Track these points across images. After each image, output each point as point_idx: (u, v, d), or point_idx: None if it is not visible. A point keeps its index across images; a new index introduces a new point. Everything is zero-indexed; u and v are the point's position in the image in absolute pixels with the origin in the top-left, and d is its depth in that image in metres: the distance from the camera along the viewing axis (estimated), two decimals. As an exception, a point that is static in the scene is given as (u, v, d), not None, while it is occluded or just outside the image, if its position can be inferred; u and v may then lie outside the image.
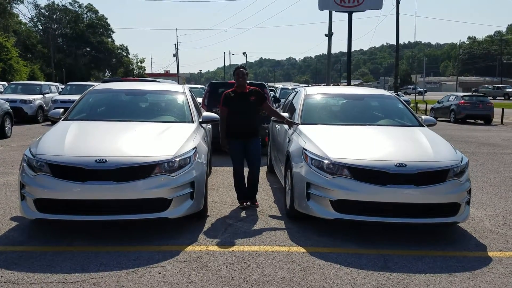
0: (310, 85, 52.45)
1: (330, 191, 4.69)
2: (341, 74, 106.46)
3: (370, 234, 4.93)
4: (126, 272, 3.85)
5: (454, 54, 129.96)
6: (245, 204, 5.94)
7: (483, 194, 7.01)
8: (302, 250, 4.44)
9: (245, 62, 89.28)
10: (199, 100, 10.40)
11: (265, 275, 3.85)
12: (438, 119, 21.31)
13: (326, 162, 4.83)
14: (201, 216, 5.27)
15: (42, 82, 22.98)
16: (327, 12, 26.93)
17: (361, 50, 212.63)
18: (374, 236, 4.87)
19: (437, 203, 4.68)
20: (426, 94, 55.86)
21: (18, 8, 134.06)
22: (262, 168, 6.24)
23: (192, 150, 5.01)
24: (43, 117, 18.52)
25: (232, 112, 5.81)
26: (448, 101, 24.25)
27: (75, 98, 9.34)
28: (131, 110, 6.36)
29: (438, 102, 25.95)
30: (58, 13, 69.44)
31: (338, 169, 4.74)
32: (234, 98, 5.82)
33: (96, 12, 72.92)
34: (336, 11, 24.92)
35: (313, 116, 6.29)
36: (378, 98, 7.02)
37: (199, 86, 25.82)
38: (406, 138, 5.49)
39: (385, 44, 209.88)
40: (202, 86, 24.95)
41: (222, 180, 7.68)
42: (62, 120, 5.89)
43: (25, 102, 17.81)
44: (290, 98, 7.87)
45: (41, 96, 19.14)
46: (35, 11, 68.28)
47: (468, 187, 4.87)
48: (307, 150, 5.09)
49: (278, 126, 7.14)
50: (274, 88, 31.54)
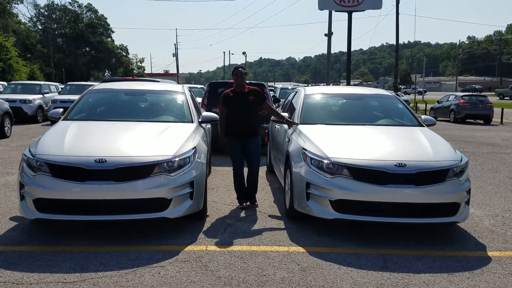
0: (309, 85, 52.39)
1: (330, 191, 4.69)
2: (340, 74, 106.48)
3: (370, 234, 4.93)
4: (125, 272, 3.85)
5: (453, 54, 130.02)
6: (244, 204, 5.94)
7: (483, 194, 7.02)
8: (301, 250, 4.44)
9: (244, 62, 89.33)
10: (199, 100, 10.40)
11: (264, 275, 3.85)
12: (438, 119, 21.34)
13: (325, 162, 4.83)
14: (200, 216, 5.26)
15: (41, 82, 22.95)
16: (327, 12, 26.93)
17: (360, 50, 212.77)
18: (373, 236, 4.87)
19: (436, 203, 4.68)
20: (425, 94, 55.85)
21: (17, 8, 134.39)
22: (262, 168, 6.24)
23: (191, 150, 5.00)
24: (43, 117, 18.51)
25: (231, 112, 5.81)
26: (447, 101, 24.26)
27: (75, 98, 9.35)
28: (131, 110, 6.36)
29: (438, 102, 25.96)
30: (58, 13, 69.49)
31: (337, 169, 4.74)
32: (233, 98, 5.82)
33: (95, 12, 72.96)
34: (335, 11, 24.93)
35: (312, 116, 6.29)
36: (377, 98, 7.01)
37: (199, 86, 25.82)
38: (406, 138, 5.49)
39: (384, 44, 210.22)
40: (202, 86, 24.95)
41: (221, 180, 7.67)
42: (62, 120, 5.89)
43: (24, 102, 17.80)
44: (290, 98, 7.87)
45: (40, 96, 19.13)
46: (35, 11, 68.50)
47: (467, 187, 4.87)
48: (307, 150, 5.09)
49: (278, 126, 7.14)
50: (273, 88, 31.54)
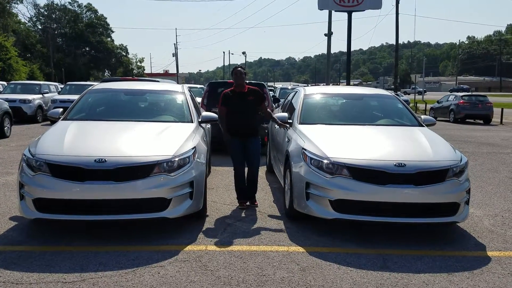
0: (309, 84, 52.41)
1: (330, 191, 4.69)
2: (340, 74, 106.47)
3: (370, 234, 4.93)
4: (125, 272, 3.85)
5: (453, 54, 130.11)
6: (244, 204, 5.93)
7: (482, 193, 7.02)
8: (301, 249, 4.44)
9: (244, 62, 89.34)
10: (199, 99, 10.40)
11: (264, 275, 3.85)
12: (438, 119, 21.34)
13: (325, 162, 4.83)
14: (200, 216, 5.26)
15: (41, 82, 22.93)
16: (327, 11, 26.92)
17: (360, 49, 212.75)
18: (373, 236, 4.87)
19: (436, 203, 4.68)
20: (425, 94, 55.87)
21: (17, 7, 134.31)
22: (262, 168, 6.25)
23: (191, 149, 5.00)
24: (42, 116, 18.50)
25: (231, 111, 5.81)
26: (447, 101, 24.27)
27: (74, 97, 9.35)
28: (131, 110, 6.36)
29: (438, 102, 25.97)
30: (58, 12, 69.47)
31: (337, 169, 4.74)
32: (233, 98, 5.82)
33: (95, 11, 72.96)
34: (335, 11, 24.92)
35: (312, 116, 6.29)
36: (377, 98, 7.01)
37: (199, 86, 25.80)
38: (406, 138, 5.49)
39: (384, 43, 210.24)
40: (202, 86, 24.94)
41: (221, 180, 7.67)
42: (61, 119, 5.88)
43: (24, 101, 17.79)
44: (290, 98, 7.87)
45: (40, 95, 19.12)
46: (34, 11, 68.48)
47: (467, 187, 4.87)
48: (307, 150, 5.09)
49: (278, 126, 7.13)
50: (273, 88, 31.53)
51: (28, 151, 4.81)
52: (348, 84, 24.41)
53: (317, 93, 7.03)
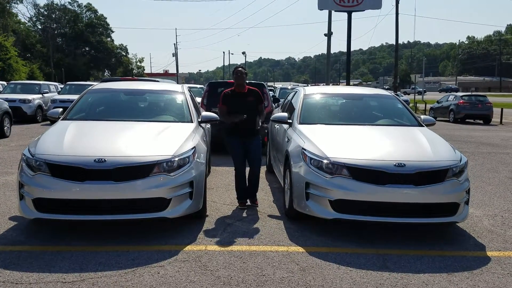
0: (309, 84, 52.42)
1: (329, 191, 4.69)
2: (340, 74, 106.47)
3: (369, 234, 4.93)
4: (125, 271, 3.85)
5: (453, 54, 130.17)
6: (244, 204, 5.94)
7: (482, 193, 7.02)
8: (301, 249, 4.44)
9: (244, 62, 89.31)
10: (198, 99, 10.40)
11: (264, 275, 3.85)
12: (438, 119, 21.37)
13: (325, 162, 4.83)
14: (200, 215, 5.26)
15: (41, 82, 22.92)
16: (327, 11, 26.91)
17: (360, 49, 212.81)
18: (373, 236, 4.88)
19: (436, 203, 4.68)
20: (425, 94, 55.86)
21: (17, 7, 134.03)
22: (262, 168, 6.24)
23: (191, 149, 5.00)
24: (42, 116, 18.49)
25: (231, 111, 5.81)
26: (447, 101, 24.28)
27: (74, 97, 9.35)
28: (130, 110, 6.36)
29: (438, 102, 25.98)
30: (57, 12, 69.45)
31: (337, 168, 4.74)
32: (233, 98, 5.83)
33: (95, 11, 72.98)
34: (335, 11, 24.90)
35: (312, 116, 6.29)
36: (377, 98, 7.01)
37: (198, 86, 25.79)
38: (405, 138, 5.49)
39: (384, 44, 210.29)
40: (202, 86, 24.92)
41: (221, 179, 7.67)
42: (61, 119, 5.88)
43: (24, 101, 17.79)
44: (289, 98, 7.87)
45: (40, 95, 19.12)
46: (34, 11, 68.42)
47: (467, 187, 4.87)
48: (306, 150, 5.09)
49: (277, 126, 7.14)
50: (273, 88, 31.54)
51: (27, 151, 4.81)
52: (348, 84, 24.41)
53: (316, 93, 7.03)
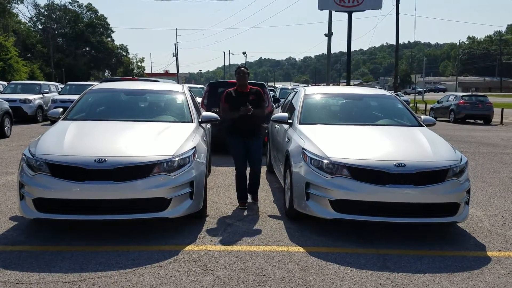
0: (309, 85, 52.43)
1: (330, 191, 4.69)
2: (340, 74, 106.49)
3: (370, 234, 4.93)
4: (125, 271, 3.85)
5: (453, 54, 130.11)
6: (245, 204, 5.94)
7: (483, 194, 7.02)
8: (301, 249, 4.44)
9: (244, 62, 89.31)
10: (199, 99, 10.40)
11: (264, 275, 3.85)
12: (438, 119, 21.37)
13: (325, 162, 4.83)
14: (200, 215, 5.26)
15: (41, 82, 22.95)
16: (327, 12, 26.92)
17: (360, 50, 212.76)
18: (373, 236, 4.87)
19: (436, 203, 4.68)
20: (425, 94, 55.89)
21: (17, 7, 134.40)
22: (262, 168, 6.25)
23: (191, 149, 5.00)
24: (43, 116, 18.51)
25: (233, 110, 5.82)
26: (447, 101, 24.27)
27: (75, 97, 9.35)
28: (131, 110, 6.36)
29: (438, 102, 25.97)
30: (58, 12, 69.49)
31: (337, 169, 4.74)
32: (235, 97, 5.85)
33: (95, 11, 72.99)
34: (335, 11, 24.92)
35: (312, 116, 6.29)
36: (377, 98, 7.01)
37: (199, 86, 25.81)
38: (406, 138, 5.49)
39: (384, 44, 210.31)
40: (202, 86, 24.94)
41: (221, 179, 7.67)
42: (62, 119, 5.89)
43: (24, 101, 17.80)
44: (290, 98, 7.87)
45: (40, 95, 19.13)
46: (35, 11, 68.45)
47: (467, 187, 4.87)
48: (307, 150, 5.09)
49: (278, 126, 7.14)
50: (273, 88, 31.55)
51: (28, 151, 4.81)
52: (348, 84, 24.41)
53: (317, 93, 7.02)
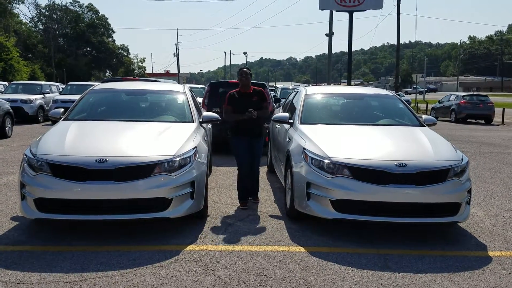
0: (310, 84, 52.40)
1: (330, 191, 4.69)
2: (341, 74, 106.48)
3: (371, 233, 4.93)
4: (126, 271, 3.85)
5: (454, 54, 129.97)
6: (246, 204, 5.94)
7: (484, 193, 7.01)
8: (302, 249, 4.44)
9: (245, 62, 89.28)
10: (200, 100, 10.40)
11: (265, 275, 3.85)
12: (439, 119, 21.30)
13: (326, 161, 4.82)
14: (201, 215, 5.27)
15: (42, 82, 22.98)
16: (328, 11, 26.91)
17: (361, 49, 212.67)
18: (374, 235, 4.87)
19: (437, 203, 4.67)
20: (426, 94, 55.85)
21: (18, 8, 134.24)
22: (263, 167, 6.26)
23: (192, 149, 5.01)
24: (44, 117, 18.53)
25: (237, 111, 5.83)
26: (448, 100, 24.25)
27: (76, 98, 9.35)
28: (132, 110, 6.37)
29: (439, 102, 25.95)
30: (59, 13, 69.53)
31: (338, 168, 4.74)
32: (239, 99, 5.87)
33: (96, 12, 73.04)
34: (336, 11, 24.90)
35: (313, 115, 6.29)
36: (378, 98, 7.01)
37: (200, 86, 25.83)
38: (407, 138, 5.48)
39: (385, 43, 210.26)
40: (203, 86, 24.96)
41: (222, 179, 7.68)
42: (63, 120, 5.89)
43: (25, 102, 17.82)
44: (291, 98, 7.87)
45: (41, 96, 19.15)
46: (36, 11, 68.46)
47: (468, 187, 4.86)
48: (307, 150, 5.09)
49: (279, 126, 7.14)
50: (274, 88, 31.55)
51: (29, 151, 4.81)
52: (349, 84, 24.41)
53: (318, 93, 7.02)
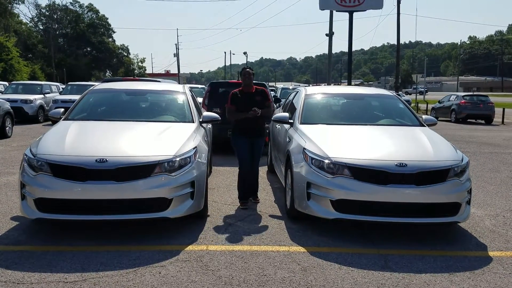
0: (310, 85, 52.39)
1: (331, 191, 4.69)
2: (341, 74, 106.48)
3: (371, 233, 4.92)
4: (126, 271, 3.85)
5: (455, 54, 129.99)
6: (246, 204, 5.95)
7: (484, 193, 7.01)
8: (302, 249, 4.44)
9: (245, 62, 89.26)
10: (200, 100, 10.40)
11: (265, 275, 3.85)
12: (439, 119, 21.29)
13: (326, 161, 4.82)
14: (201, 215, 5.27)
15: (42, 82, 22.98)
16: (328, 11, 26.91)
17: (362, 49, 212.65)
18: (374, 235, 4.87)
19: (437, 203, 4.67)
20: (427, 94, 55.86)
21: (18, 8, 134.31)
22: (263, 167, 6.26)
23: (192, 149, 5.01)
24: (44, 117, 18.52)
25: (239, 111, 5.84)
26: (449, 100, 24.25)
27: (76, 98, 9.35)
28: (132, 110, 6.37)
29: (439, 102, 25.95)
30: (59, 13, 69.54)
31: (338, 168, 4.73)
32: (241, 98, 5.88)
33: (96, 12, 73.07)
34: (336, 11, 24.83)
35: (313, 116, 6.29)
36: (378, 98, 7.01)
37: (200, 86, 25.84)
38: (407, 138, 5.48)
39: (386, 44, 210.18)
40: (203, 86, 24.96)
41: (222, 179, 7.67)
42: (63, 120, 5.89)
43: (25, 102, 17.82)
44: (291, 98, 7.87)
45: (41, 96, 19.16)
46: (36, 11, 68.50)
47: (468, 187, 4.86)
48: (307, 150, 5.09)
49: (279, 126, 7.13)
50: (274, 88, 31.55)
51: (29, 151, 4.81)
52: (349, 84, 24.39)
53: (318, 93, 7.02)
